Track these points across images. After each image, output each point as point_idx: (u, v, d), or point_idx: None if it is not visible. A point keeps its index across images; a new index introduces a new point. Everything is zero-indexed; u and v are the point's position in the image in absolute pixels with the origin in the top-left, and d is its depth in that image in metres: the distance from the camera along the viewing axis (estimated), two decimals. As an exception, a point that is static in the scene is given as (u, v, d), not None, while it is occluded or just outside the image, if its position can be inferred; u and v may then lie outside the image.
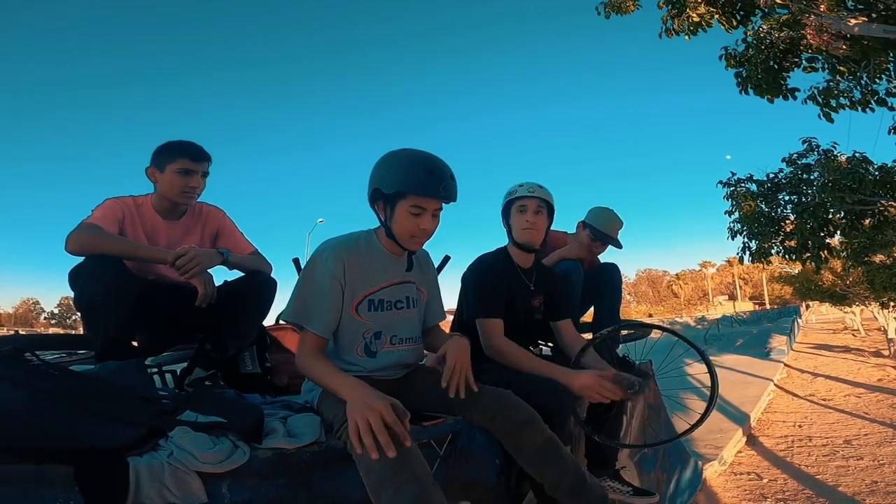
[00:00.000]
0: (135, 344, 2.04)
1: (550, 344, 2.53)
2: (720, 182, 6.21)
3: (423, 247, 1.76)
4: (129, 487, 1.08)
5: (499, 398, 1.57)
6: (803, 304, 38.33)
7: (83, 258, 1.76)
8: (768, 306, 54.88)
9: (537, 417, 1.54)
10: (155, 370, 2.16)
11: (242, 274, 2.07)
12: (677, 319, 46.93)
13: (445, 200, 1.50)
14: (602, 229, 2.87)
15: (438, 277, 2.68)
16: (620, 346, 2.91)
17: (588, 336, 3.15)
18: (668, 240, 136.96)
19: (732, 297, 72.24)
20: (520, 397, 1.58)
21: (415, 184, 1.44)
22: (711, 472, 6.16)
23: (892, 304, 11.24)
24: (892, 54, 2.86)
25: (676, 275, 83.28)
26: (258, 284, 2.04)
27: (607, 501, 1.55)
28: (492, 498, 1.74)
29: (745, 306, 63.24)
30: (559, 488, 1.52)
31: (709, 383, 1.94)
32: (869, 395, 11.01)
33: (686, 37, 4.16)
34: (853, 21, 3.03)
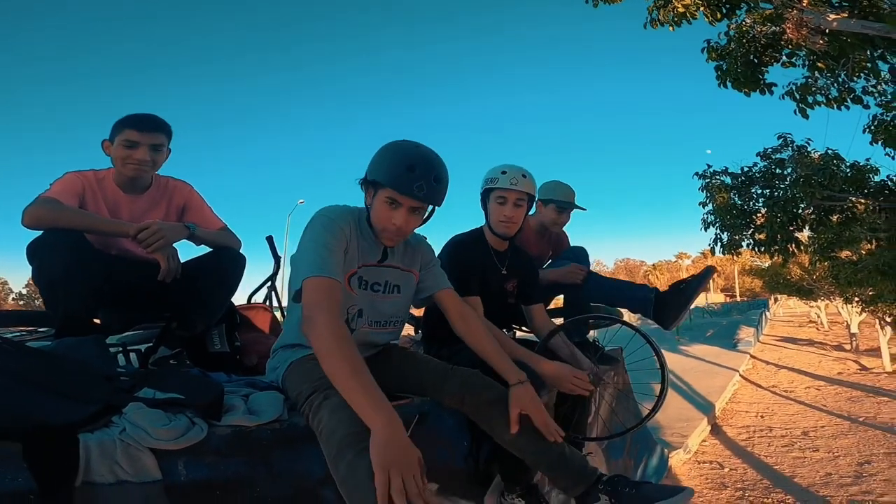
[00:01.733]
0: (97, 321, 2.00)
1: (525, 328, 2.57)
2: (696, 174, 6.38)
3: (419, 234, 1.74)
4: (79, 464, 1.07)
5: (467, 378, 1.58)
6: (772, 298, 39.72)
7: (42, 232, 1.71)
8: (739, 298, 56.66)
9: (506, 395, 1.54)
10: (120, 349, 2.13)
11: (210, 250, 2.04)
12: (652, 308, 48.00)
13: (421, 201, 1.46)
14: (564, 199, 2.94)
15: None
16: (594, 333, 2.96)
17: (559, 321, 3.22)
18: (647, 230, 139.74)
19: (705, 289, 74.18)
20: (490, 378, 1.59)
21: (392, 176, 1.43)
22: (677, 459, 6.39)
23: (855, 299, 11.74)
24: (869, 51, 2.94)
25: (653, 265, 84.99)
26: (226, 260, 2.00)
27: (588, 469, 1.54)
28: (460, 481, 1.76)
29: (716, 298, 65.11)
30: (540, 463, 1.54)
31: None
32: (828, 387, 11.55)
33: (670, 27, 4.19)
34: (832, 16, 3.10)
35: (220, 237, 2.06)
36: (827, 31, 3.23)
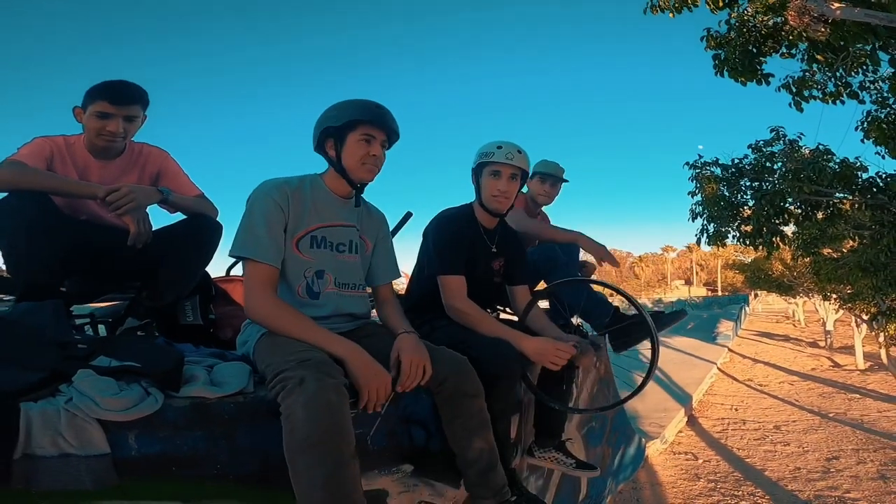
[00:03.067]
0: (63, 290, 1.92)
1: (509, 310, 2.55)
2: (687, 163, 6.40)
3: (381, 210, 1.84)
4: (18, 435, 1.00)
5: (454, 364, 1.58)
6: (752, 293, 40.61)
7: (6, 194, 1.66)
8: (720, 293, 57.85)
9: (482, 393, 1.58)
10: (88, 320, 2.07)
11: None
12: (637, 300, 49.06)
13: (391, 131, 1.64)
14: (550, 172, 3.08)
15: (400, 232, 2.66)
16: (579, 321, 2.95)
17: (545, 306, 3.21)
18: (635, 222, 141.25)
19: (689, 282, 75.70)
20: (469, 358, 1.60)
21: (365, 113, 1.59)
22: (653, 449, 6.56)
23: (833, 296, 12.04)
24: (870, 42, 2.92)
25: (639, 257, 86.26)
26: (200, 227, 1.95)
27: (505, 489, 1.61)
28: (437, 464, 1.74)
29: (699, 291, 66.48)
30: (470, 466, 1.59)
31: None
32: (801, 382, 11.92)
33: (671, 14, 4.14)
34: (836, 4, 3.06)
35: (195, 204, 2.00)
36: (829, 19, 3.20)
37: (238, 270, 2.97)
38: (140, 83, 1.93)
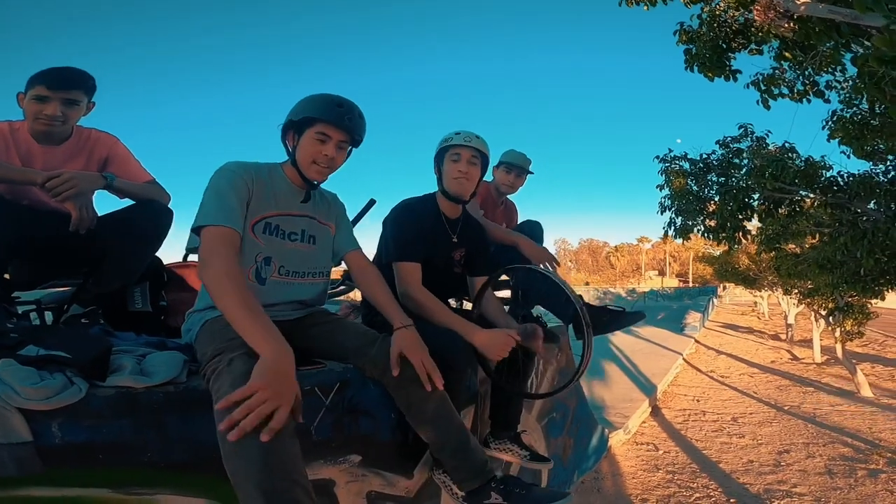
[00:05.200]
0: (6, 276, 1.94)
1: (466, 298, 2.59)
2: (657, 157, 6.56)
3: (337, 195, 1.89)
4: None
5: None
6: (721, 285, 42.00)
7: None
8: (691, 284, 59.62)
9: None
10: (34, 307, 2.07)
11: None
12: (610, 290, 50.16)
13: (350, 132, 1.65)
14: (513, 160, 3.15)
15: (363, 220, 2.66)
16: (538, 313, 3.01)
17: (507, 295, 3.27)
18: (612, 212, 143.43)
19: (662, 273, 77.61)
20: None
21: (323, 111, 1.61)
22: (617, 440, 6.76)
23: (794, 290, 12.59)
24: (833, 40, 3.02)
25: (615, 247, 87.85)
26: (148, 213, 1.96)
27: (487, 467, 1.63)
28: (387, 453, 1.77)
29: (671, 282, 68.29)
30: (443, 449, 1.61)
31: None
32: (761, 375, 12.44)
33: (645, 7, 4.22)
34: (801, 0, 3.15)
35: (143, 190, 2.02)
36: (795, 15, 3.30)
37: (195, 256, 2.94)
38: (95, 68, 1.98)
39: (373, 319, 2.02)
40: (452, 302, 2.53)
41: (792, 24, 3.46)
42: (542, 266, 2.53)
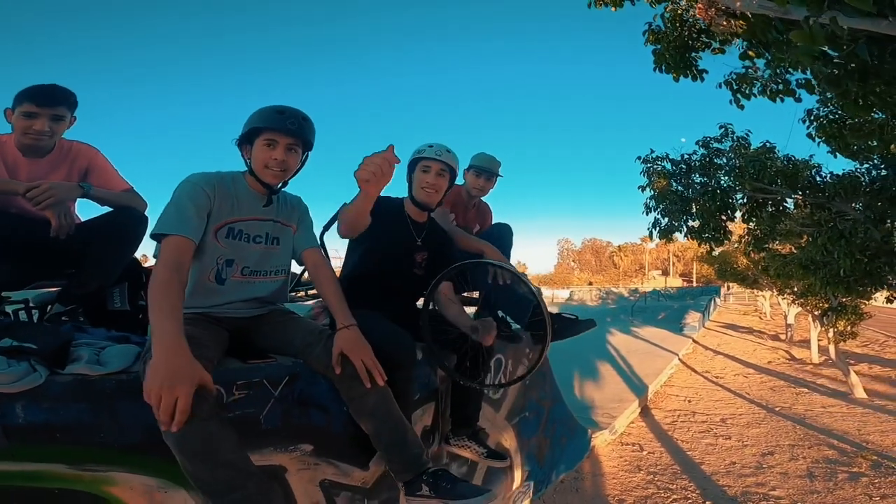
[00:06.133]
0: None
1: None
2: (639, 157, 6.68)
3: (296, 195, 2.03)
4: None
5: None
6: (725, 285, 41.99)
7: None
8: (695, 284, 59.55)
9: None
10: (21, 306, 2.25)
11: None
12: (613, 289, 50.17)
13: (294, 135, 1.79)
14: (482, 164, 3.28)
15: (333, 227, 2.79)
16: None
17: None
18: (616, 211, 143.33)
19: (665, 273, 77.45)
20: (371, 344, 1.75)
21: (267, 119, 1.77)
22: (601, 440, 6.81)
23: (786, 290, 12.65)
24: (772, 35, 3.05)
25: (619, 246, 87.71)
26: (122, 219, 2.13)
27: (421, 460, 1.77)
28: (339, 444, 1.91)
29: (674, 282, 68.15)
30: (379, 441, 1.75)
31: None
32: (756, 375, 12.46)
33: (612, 8, 4.32)
34: None
35: (120, 198, 2.20)
36: (734, 12, 3.37)
37: None
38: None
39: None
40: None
41: (738, 22, 3.54)
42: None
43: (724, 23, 3.40)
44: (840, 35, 1.99)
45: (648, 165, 6.59)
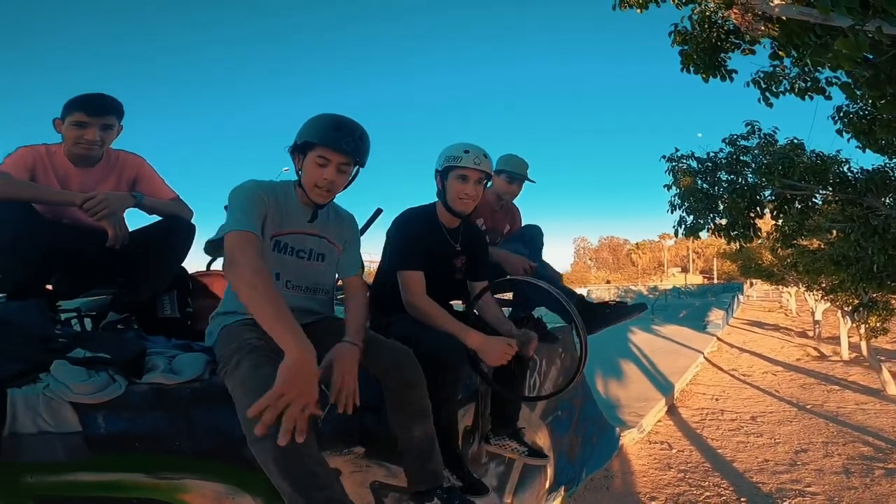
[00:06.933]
0: (49, 287, 2.16)
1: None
2: (664, 156, 6.65)
3: (350, 213, 1.98)
4: (5, 416, 1.23)
5: (395, 354, 1.75)
6: (747, 282, 41.32)
7: None
8: (716, 280, 58.68)
9: (424, 384, 1.74)
10: (75, 314, 2.29)
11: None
12: (632, 287, 49.77)
13: (348, 154, 1.70)
14: (515, 170, 3.21)
15: (370, 229, 2.83)
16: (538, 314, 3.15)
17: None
18: (633, 209, 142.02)
19: (685, 270, 76.44)
20: (419, 350, 1.77)
21: (322, 135, 1.67)
22: (629, 439, 6.80)
23: (815, 286, 12.43)
24: (811, 40, 3.04)
25: (636, 244, 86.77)
26: (172, 228, 2.18)
27: (439, 476, 1.78)
28: (390, 449, 1.94)
29: (695, 279, 67.24)
30: (408, 452, 1.76)
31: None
32: (785, 373, 12.27)
33: (638, 10, 4.32)
34: (776, 1, 3.21)
35: (169, 206, 2.23)
36: (772, 17, 3.36)
37: (218, 265, 3.14)
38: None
39: (376, 322, 2.20)
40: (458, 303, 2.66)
41: (772, 26, 3.53)
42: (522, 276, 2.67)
43: (762, 28, 3.38)
44: (882, 42, 1.99)
45: (674, 164, 6.56)
